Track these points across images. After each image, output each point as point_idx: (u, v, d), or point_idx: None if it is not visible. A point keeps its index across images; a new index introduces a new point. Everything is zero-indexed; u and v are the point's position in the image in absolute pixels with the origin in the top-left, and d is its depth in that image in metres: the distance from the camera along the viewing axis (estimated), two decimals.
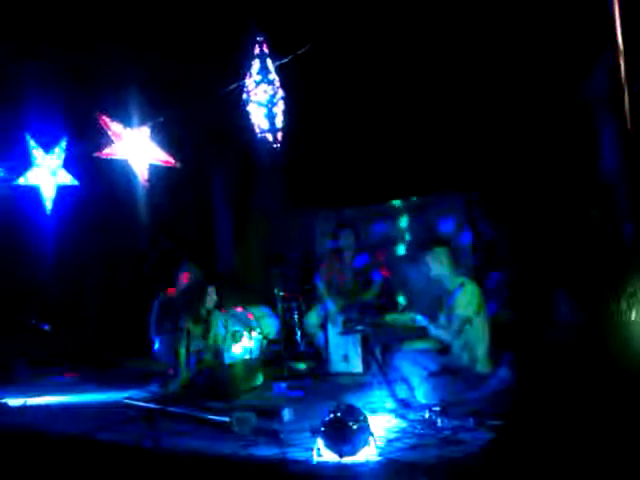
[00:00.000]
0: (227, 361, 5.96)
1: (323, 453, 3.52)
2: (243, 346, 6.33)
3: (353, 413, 3.62)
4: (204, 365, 5.36)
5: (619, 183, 4.43)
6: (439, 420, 4.10)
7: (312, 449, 3.55)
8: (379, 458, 3.52)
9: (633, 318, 3.24)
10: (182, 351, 5.46)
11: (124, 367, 6.88)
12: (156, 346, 6.30)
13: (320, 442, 3.53)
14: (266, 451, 3.78)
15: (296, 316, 7.26)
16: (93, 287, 7.16)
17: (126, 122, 5.70)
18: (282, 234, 8.65)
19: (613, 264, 4.28)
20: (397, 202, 7.95)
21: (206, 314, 5.90)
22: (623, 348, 2.22)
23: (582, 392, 2.09)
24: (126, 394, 5.60)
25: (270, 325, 6.98)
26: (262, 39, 4.86)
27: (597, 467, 1.90)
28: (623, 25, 3.63)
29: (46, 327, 6.69)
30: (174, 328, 5.67)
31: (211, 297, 6.01)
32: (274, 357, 6.65)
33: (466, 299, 4.83)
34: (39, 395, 5.75)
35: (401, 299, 7.47)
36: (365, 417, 3.63)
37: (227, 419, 4.25)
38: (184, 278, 6.32)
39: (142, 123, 5.63)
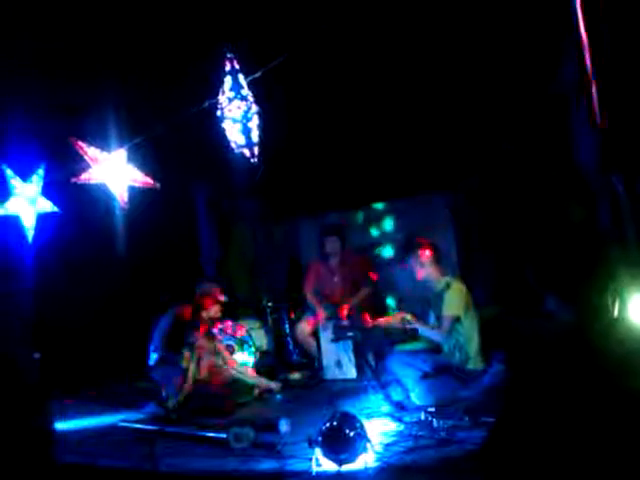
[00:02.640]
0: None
1: (322, 463, 3.54)
2: (236, 360, 6.33)
3: (349, 420, 3.64)
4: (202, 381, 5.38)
5: (596, 178, 4.49)
6: (435, 421, 4.14)
7: (311, 459, 3.57)
8: (378, 463, 3.56)
9: (616, 315, 3.30)
10: (193, 367, 5.45)
11: (118, 389, 6.85)
12: (152, 359, 6.22)
13: (318, 452, 3.55)
14: (265, 465, 3.80)
15: (287, 326, 7.28)
16: (80, 312, 7.11)
17: (103, 146, 5.69)
18: (268, 245, 8.68)
19: (597, 259, 4.33)
20: (380, 205, 8.01)
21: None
22: (608, 344, 2.27)
23: (571, 387, 2.13)
24: (122, 416, 5.57)
25: (261, 337, 6.99)
26: (232, 55, 4.89)
27: (590, 459, 1.93)
28: (586, 19, 3.70)
29: (36, 356, 6.63)
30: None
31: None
32: (267, 369, 6.66)
33: (453, 299, 4.87)
34: None
35: (391, 302, 7.53)
36: (361, 423, 3.66)
37: (225, 435, 4.25)
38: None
39: (119, 146, 5.63)
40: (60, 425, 5.61)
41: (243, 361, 6.42)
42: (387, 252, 7.90)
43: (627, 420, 1.99)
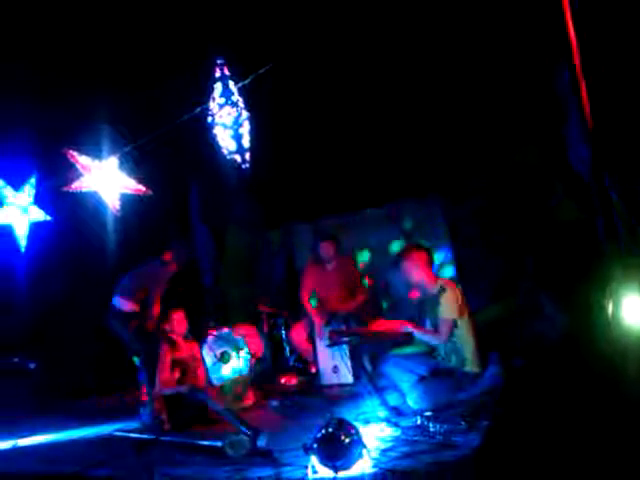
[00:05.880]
0: (216, 383, 5.94)
1: (318, 470, 3.51)
2: (232, 366, 6.30)
3: (344, 427, 3.61)
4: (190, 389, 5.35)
5: (591, 179, 4.48)
6: (431, 425, 4.12)
7: (307, 467, 3.54)
8: (374, 470, 3.52)
9: (610, 315, 3.28)
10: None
11: (113, 398, 6.82)
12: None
13: (314, 459, 3.52)
14: (261, 472, 3.77)
15: (283, 332, 7.25)
16: (74, 321, 7.09)
17: (94, 154, 5.68)
18: (263, 250, 8.65)
19: (592, 261, 4.32)
20: (375, 209, 7.98)
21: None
22: (603, 345, 2.25)
23: (566, 388, 2.10)
24: (117, 426, 5.54)
25: (257, 342, 6.95)
26: (222, 62, 4.87)
27: (584, 462, 1.91)
28: (576, 24, 3.70)
29: (31, 365, 6.60)
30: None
31: (180, 323, 5.95)
32: (264, 375, 6.63)
33: (449, 302, 4.84)
34: (29, 435, 5.67)
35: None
36: (357, 430, 3.63)
37: (220, 443, 4.22)
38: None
39: (111, 154, 5.62)
40: (55, 435, 5.61)
41: (236, 368, 6.36)
42: (383, 256, 7.87)
43: (622, 421, 1.96)
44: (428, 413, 4.26)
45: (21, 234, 6.32)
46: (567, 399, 2.01)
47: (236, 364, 6.46)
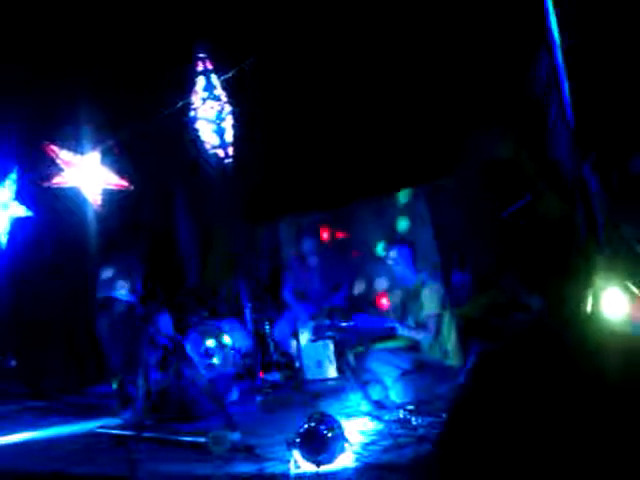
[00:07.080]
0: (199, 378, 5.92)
1: (300, 464, 3.52)
2: (216, 361, 6.29)
3: (327, 421, 3.62)
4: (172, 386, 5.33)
5: (571, 174, 4.51)
6: (413, 419, 4.14)
7: (289, 461, 3.54)
8: (356, 464, 3.54)
9: (589, 310, 3.32)
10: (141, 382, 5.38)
11: (95, 394, 6.78)
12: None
13: (296, 454, 3.53)
14: (243, 468, 3.77)
15: (267, 326, 7.23)
16: (55, 317, 7.03)
17: (76, 149, 5.63)
18: (247, 245, 8.62)
19: (571, 255, 4.35)
20: (358, 204, 7.97)
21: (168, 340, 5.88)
22: (581, 339, 2.26)
23: (541, 381, 2.10)
24: (100, 422, 5.51)
25: (241, 338, 6.94)
26: (205, 56, 4.84)
27: (559, 452, 1.90)
28: (558, 17, 3.71)
29: (12, 363, 6.55)
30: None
31: (165, 323, 5.93)
32: (248, 370, 6.62)
33: (432, 297, 4.88)
34: (8, 433, 5.61)
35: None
36: (339, 424, 3.64)
37: (203, 439, 4.21)
38: None
39: (92, 148, 5.57)
40: (37, 432, 5.56)
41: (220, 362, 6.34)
42: (366, 251, 7.86)
43: (599, 413, 1.96)
44: (410, 407, 4.29)
45: (1, 230, 6.27)
46: (539, 389, 2.01)
47: (220, 359, 6.46)
